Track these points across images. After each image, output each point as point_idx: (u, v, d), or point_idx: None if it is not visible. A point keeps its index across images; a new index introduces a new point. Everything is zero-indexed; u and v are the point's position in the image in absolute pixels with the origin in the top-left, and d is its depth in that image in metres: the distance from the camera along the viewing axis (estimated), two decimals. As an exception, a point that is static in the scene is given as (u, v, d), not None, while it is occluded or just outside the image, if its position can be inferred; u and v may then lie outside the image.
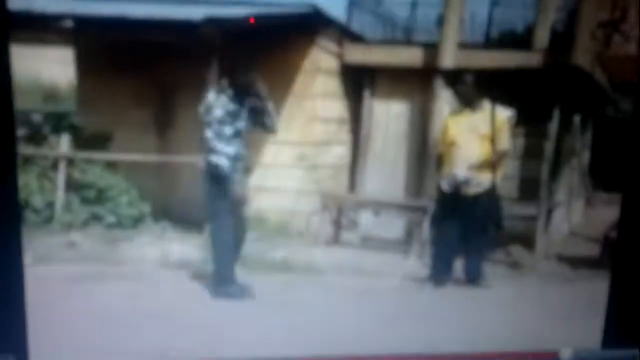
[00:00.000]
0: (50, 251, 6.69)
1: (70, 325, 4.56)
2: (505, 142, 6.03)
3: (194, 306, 5.23)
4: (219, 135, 5.53)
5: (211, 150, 5.55)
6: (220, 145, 5.52)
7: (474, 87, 6.04)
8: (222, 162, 5.53)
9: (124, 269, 6.31)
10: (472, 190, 5.93)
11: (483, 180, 5.93)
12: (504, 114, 6.05)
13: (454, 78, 6.40)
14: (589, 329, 4.27)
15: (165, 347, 4.34)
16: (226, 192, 5.58)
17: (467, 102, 6.10)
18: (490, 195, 6.01)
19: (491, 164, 5.97)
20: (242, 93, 5.69)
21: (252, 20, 7.81)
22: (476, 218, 6.01)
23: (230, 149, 5.57)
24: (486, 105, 6.06)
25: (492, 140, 5.90)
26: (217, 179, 5.51)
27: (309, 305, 5.40)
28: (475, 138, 5.96)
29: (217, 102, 5.64)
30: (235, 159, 5.58)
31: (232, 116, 5.61)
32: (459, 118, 6.14)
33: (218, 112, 5.57)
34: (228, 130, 5.57)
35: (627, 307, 3.87)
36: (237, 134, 5.63)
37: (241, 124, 5.64)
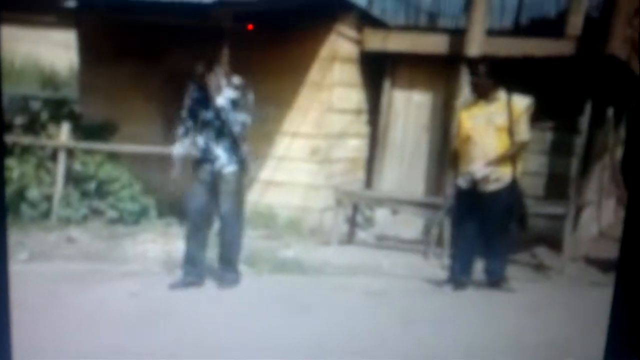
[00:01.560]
0: (47, 247, 6.65)
1: (67, 327, 4.55)
2: (523, 132, 5.77)
3: (197, 308, 5.20)
4: (191, 125, 5.61)
5: (179, 139, 5.68)
6: (190, 135, 5.61)
7: (487, 76, 5.89)
8: (180, 148, 5.65)
9: (125, 267, 6.21)
10: (491, 186, 5.70)
11: (502, 176, 5.79)
12: (522, 102, 5.78)
13: (473, 67, 6.28)
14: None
15: (166, 351, 4.36)
16: (197, 182, 5.63)
17: (480, 92, 5.83)
18: (511, 191, 5.77)
19: (510, 157, 5.74)
20: (203, 81, 5.60)
21: (250, 27, 7.81)
22: (496, 215, 5.78)
23: (199, 139, 5.60)
24: (502, 95, 5.77)
25: (510, 131, 5.67)
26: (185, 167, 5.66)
27: (320, 307, 5.28)
28: (492, 131, 5.71)
29: (190, 89, 5.70)
30: (204, 150, 5.57)
31: (197, 106, 5.58)
32: (473, 110, 5.87)
33: (186, 101, 5.65)
34: (197, 120, 5.59)
35: (632, 316, 3.81)
36: (206, 126, 5.57)
37: (209, 115, 5.55)
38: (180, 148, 5.69)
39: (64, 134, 7.92)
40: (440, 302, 5.78)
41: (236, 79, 5.55)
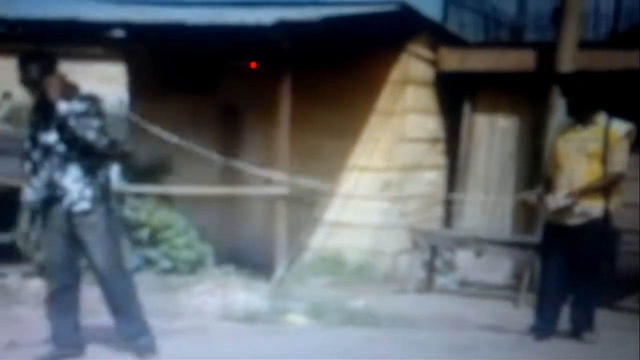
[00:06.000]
0: (93, 302, 6.71)
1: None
2: (618, 163, 5.62)
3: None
4: (39, 157, 4.86)
5: (29, 180, 4.93)
6: (30, 169, 4.88)
7: (584, 96, 5.83)
8: (31, 191, 4.87)
9: (180, 323, 6.21)
10: (576, 220, 5.62)
11: (589, 210, 5.60)
12: (620, 128, 5.66)
13: (567, 85, 6.19)
14: None
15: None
16: (49, 229, 4.88)
17: (577, 115, 5.76)
18: (602, 227, 5.63)
19: (601, 189, 5.62)
20: (44, 97, 4.81)
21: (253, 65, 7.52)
22: (582, 254, 5.61)
23: (41, 173, 4.84)
24: (601, 119, 5.68)
25: (604, 160, 5.57)
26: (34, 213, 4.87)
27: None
28: (582, 158, 5.63)
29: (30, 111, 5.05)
30: (48, 186, 4.81)
31: (35, 129, 4.86)
32: (568, 135, 5.80)
33: (29, 127, 4.97)
34: (38, 149, 4.87)
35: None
36: (48, 154, 4.81)
37: (51, 138, 4.79)
38: (32, 192, 4.92)
39: (113, 176, 8.02)
40: (519, 355, 5.66)
41: (83, 93, 4.87)
